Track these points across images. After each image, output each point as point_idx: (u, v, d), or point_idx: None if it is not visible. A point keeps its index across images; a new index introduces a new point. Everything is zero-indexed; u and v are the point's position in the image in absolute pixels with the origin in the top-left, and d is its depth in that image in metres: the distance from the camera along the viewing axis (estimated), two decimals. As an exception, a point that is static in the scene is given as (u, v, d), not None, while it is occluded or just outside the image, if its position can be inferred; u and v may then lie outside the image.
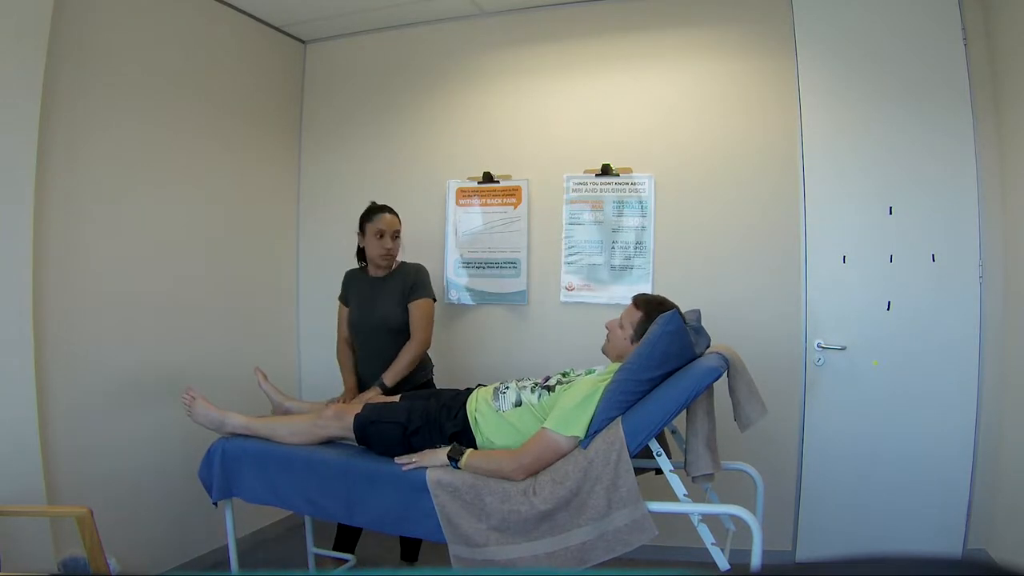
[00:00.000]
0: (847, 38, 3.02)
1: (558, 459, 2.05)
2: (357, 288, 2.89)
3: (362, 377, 2.88)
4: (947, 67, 2.88)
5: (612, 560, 1.91)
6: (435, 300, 2.89)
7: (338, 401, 2.74)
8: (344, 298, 2.96)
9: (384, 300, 2.82)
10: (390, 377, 2.72)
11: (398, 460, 2.16)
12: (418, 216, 3.63)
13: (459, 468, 2.09)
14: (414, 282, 2.83)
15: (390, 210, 2.85)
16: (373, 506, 2.15)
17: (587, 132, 3.37)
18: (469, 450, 2.14)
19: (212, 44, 3.26)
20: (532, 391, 2.23)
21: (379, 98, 3.74)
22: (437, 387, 2.87)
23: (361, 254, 2.92)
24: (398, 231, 2.84)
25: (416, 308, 2.80)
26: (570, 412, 2.06)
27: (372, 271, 2.89)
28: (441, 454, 2.13)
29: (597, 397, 2.07)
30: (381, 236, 2.78)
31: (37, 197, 2.39)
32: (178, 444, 2.98)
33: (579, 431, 2.04)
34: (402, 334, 2.80)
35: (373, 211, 2.84)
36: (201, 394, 2.45)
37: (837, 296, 3.00)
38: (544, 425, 2.08)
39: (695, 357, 2.14)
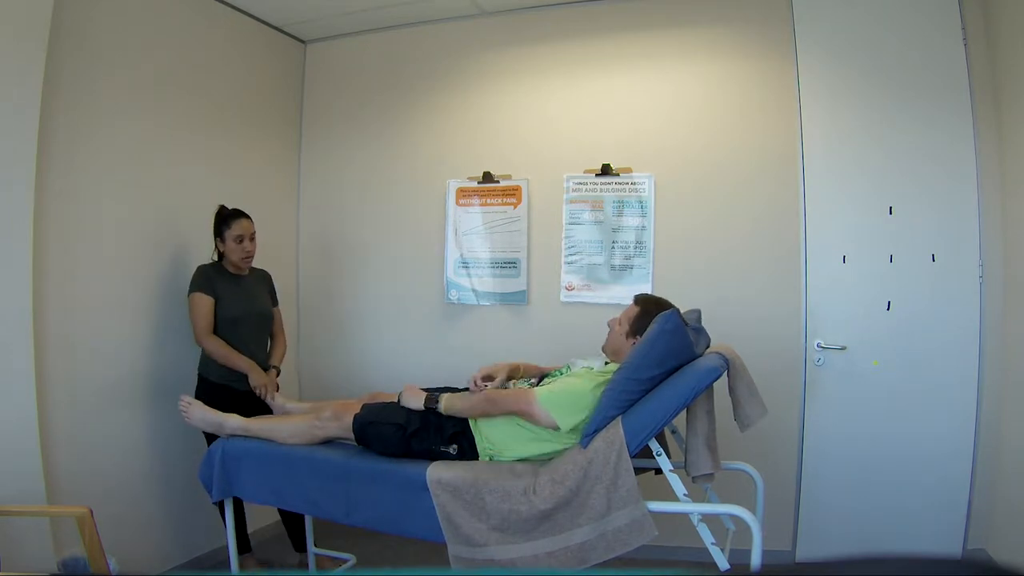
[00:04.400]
0: (847, 38, 3.02)
1: (529, 420, 2.13)
2: (225, 285, 2.88)
3: None
4: (947, 67, 2.88)
5: (612, 560, 1.91)
6: None
7: (265, 387, 2.78)
8: (210, 291, 2.81)
9: (256, 295, 3.02)
10: (279, 360, 3.05)
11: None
12: (418, 216, 3.64)
13: (439, 411, 2.21)
14: (272, 287, 3.15)
15: (245, 215, 2.91)
16: (373, 505, 2.15)
17: (587, 132, 3.37)
18: (447, 395, 2.25)
19: (212, 44, 3.26)
20: (531, 391, 2.24)
21: (379, 98, 3.74)
22: (429, 387, 2.87)
23: (220, 254, 2.94)
24: (254, 233, 2.93)
25: (278, 312, 3.16)
26: (564, 398, 2.11)
27: (233, 271, 2.94)
28: (421, 396, 2.26)
29: (595, 399, 2.08)
30: (240, 240, 2.87)
31: (37, 197, 2.39)
32: (178, 444, 2.98)
33: (562, 422, 2.08)
34: (270, 325, 3.09)
35: (229, 217, 2.88)
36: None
37: (837, 296, 3.00)
38: (537, 392, 2.13)
39: (695, 357, 2.15)
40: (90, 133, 2.66)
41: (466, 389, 2.42)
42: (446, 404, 2.22)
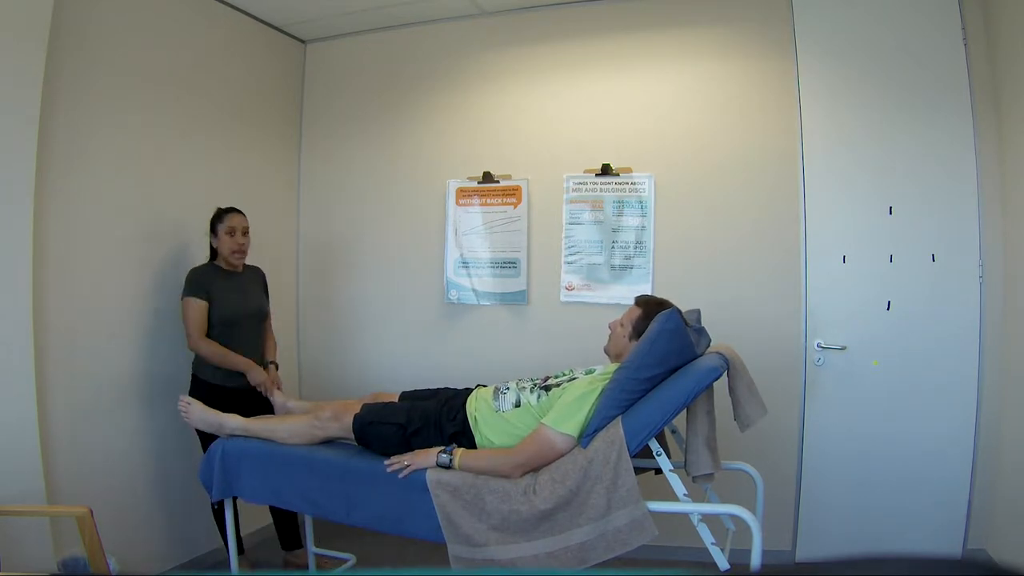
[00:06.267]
0: (847, 38, 3.02)
1: (554, 456, 2.05)
2: (219, 284, 2.89)
3: None
4: (947, 67, 2.88)
5: (612, 560, 1.91)
6: None
7: (268, 383, 2.79)
8: (204, 294, 2.82)
9: (252, 293, 3.03)
10: (274, 355, 3.08)
11: (388, 462, 2.14)
12: (418, 216, 3.64)
13: (451, 468, 2.09)
14: (266, 284, 3.15)
15: (238, 211, 2.97)
16: (373, 506, 2.15)
17: (587, 132, 3.37)
18: (461, 450, 2.13)
19: (212, 44, 3.26)
20: (532, 391, 2.23)
21: (379, 98, 3.74)
22: (428, 387, 2.87)
23: (213, 253, 2.98)
24: (247, 228, 2.97)
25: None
26: (565, 410, 2.07)
27: (226, 267, 2.97)
28: (432, 455, 2.12)
29: (593, 397, 2.08)
30: (232, 234, 2.91)
31: (37, 197, 2.39)
32: (178, 444, 2.98)
33: (572, 430, 2.05)
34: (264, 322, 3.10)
35: (222, 212, 2.94)
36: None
37: (837, 296, 3.00)
38: (542, 421, 2.09)
39: (695, 356, 2.15)
40: (90, 133, 2.66)
41: (465, 388, 2.42)
42: (460, 464, 2.09)
